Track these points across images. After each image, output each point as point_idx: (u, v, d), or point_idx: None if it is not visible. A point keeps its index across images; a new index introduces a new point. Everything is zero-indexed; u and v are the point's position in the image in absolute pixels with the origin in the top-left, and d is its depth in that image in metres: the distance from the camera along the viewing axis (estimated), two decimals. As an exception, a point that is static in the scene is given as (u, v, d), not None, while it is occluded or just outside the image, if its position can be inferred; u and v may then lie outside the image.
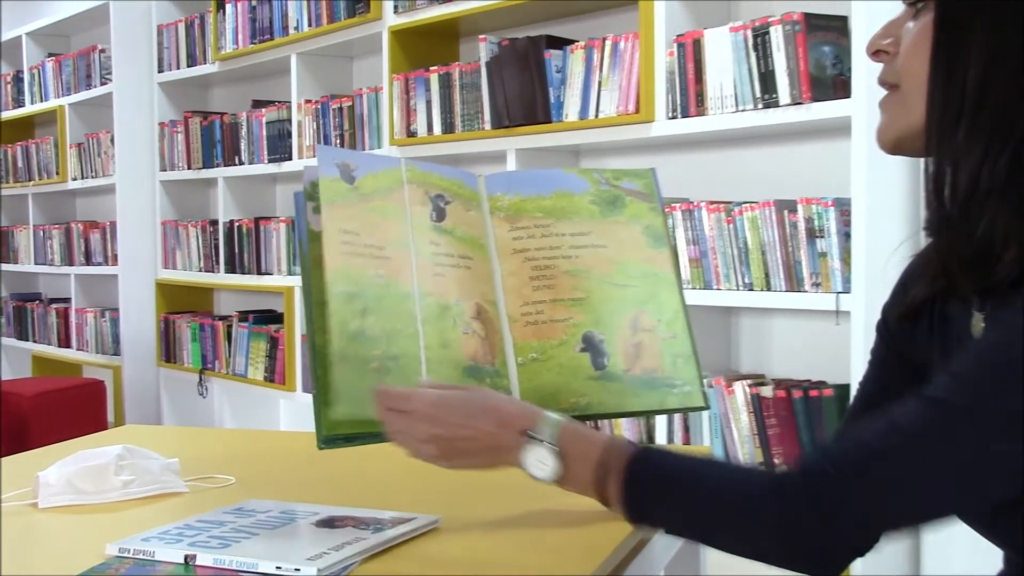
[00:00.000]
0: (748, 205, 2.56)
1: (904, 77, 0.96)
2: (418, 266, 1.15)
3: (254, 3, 4.16)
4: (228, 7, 4.29)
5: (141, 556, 1.02)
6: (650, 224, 1.25)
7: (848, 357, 2.38)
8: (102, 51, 5.09)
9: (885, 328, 1.10)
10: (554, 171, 1.27)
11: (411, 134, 3.45)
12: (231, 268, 4.40)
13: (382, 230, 1.15)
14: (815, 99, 2.42)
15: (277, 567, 0.96)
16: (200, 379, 4.57)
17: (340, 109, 3.81)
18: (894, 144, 0.98)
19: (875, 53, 1.00)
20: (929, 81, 0.92)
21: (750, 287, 2.57)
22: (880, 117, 1.00)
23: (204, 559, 0.99)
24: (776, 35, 2.46)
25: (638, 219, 1.25)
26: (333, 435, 1.08)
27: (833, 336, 2.55)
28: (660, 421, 2.78)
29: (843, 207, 2.40)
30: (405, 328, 1.12)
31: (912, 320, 1.05)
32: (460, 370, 1.13)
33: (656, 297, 1.22)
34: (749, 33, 2.52)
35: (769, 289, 2.53)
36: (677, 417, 2.74)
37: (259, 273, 4.24)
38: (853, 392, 2.48)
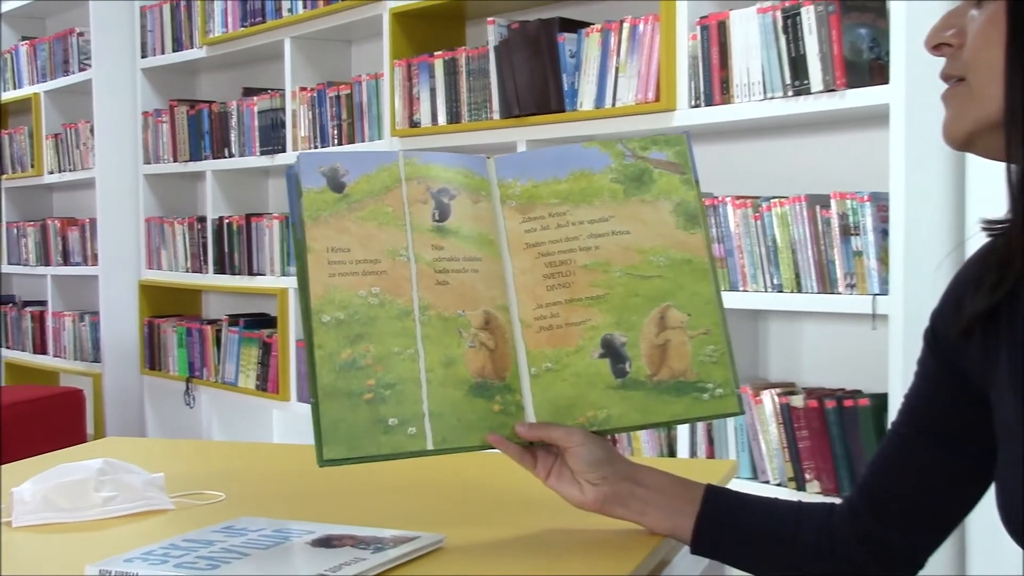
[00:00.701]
0: (777, 200, 2.55)
1: (972, 70, 0.95)
2: (418, 276, 1.14)
3: (244, -17, 4.17)
4: (217, -12, 4.30)
5: (123, 578, 1.02)
6: (682, 200, 1.21)
7: (885, 364, 2.37)
8: (80, 34, 5.10)
9: (934, 338, 1.08)
10: (572, 147, 1.23)
11: (414, 124, 3.44)
12: (220, 268, 4.40)
13: (377, 241, 1.14)
14: (850, 85, 2.41)
15: (270, 590, 0.96)
16: (187, 388, 4.58)
17: (337, 97, 3.81)
18: (965, 140, 0.97)
19: (936, 47, 0.99)
20: (1007, 73, 0.91)
21: (779, 289, 2.56)
22: (945, 112, 0.99)
23: (191, 581, 0.99)
24: (808, 16, 2.46)
25: (668, 195, 1.21)
26: (330, 459, 1.09)
27: (869, 342, 2.54)
28: (682, 432, 2.77)
29: (880, 202, 2.39)
30: (403, 349, 1.11)
31: (968, 333, 1.03)
32: (466, 389, 1.12)
33: (686, 287, 1.18)
34: (778, 14, 2.51)
35: (800, 291, 2.52)
36: (701, 428, 2.73)
37: (251, 274, 4.25)
38: (891, 402, 2.47)
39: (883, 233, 2.38)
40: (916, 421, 1.09)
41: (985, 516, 1.11)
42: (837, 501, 1.16)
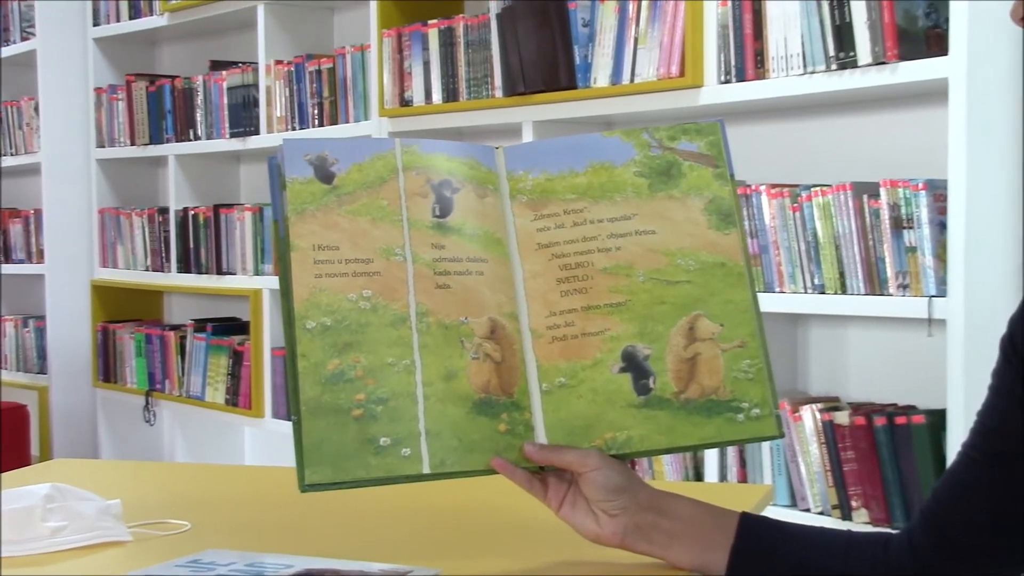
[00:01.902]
0: (819, 189, 2.55)
1: None
2: (416, 278, 1.14)
3: (212, -58, 4.17)
4: (180, -53, 4.31)
5: (77, 622, 1.02)
6: (715, 197, 1.21)
7: (943, 376, 2.37)
8: None
9: (1013, 348, 1.08)
10: (591, 137, 1.24)
11: (405, 103, 3.45)
12: (185, 267, 4.41)
13: (370, 238, 1.14)
14: (903, 57, 2.41)
15: (245, 636, 0.96)
16: (146, 403, 4.58)
17: (318, 72, 3.81)
18: None
19: None
20: None
21: (821, 290, 2.56)
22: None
23: (155, 626, 0.99)
24: (854, -20, 2.46)
25: (699, 191, 1.21)
26: (314, 483, 1.09)
27: (924, 350, 2.54)
28: (710, 453, 2.77)
29: (937, 191, 2.39)
30: (398, 360, 1.12)
31: None
32: (468, 406, 1.12)
33: (719, 294, 1.18)
34: (821, -23, 2.52)
35: (844, 292, 2.52)
36: (732, 449, 2.73)
37: (219, 273, 4.25)
38: (950, 419, 2.46)
39: (940, 226, 2.38)
40: (991, 443, 1.09)
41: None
42: (891, 531, 1.16)
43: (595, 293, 1.18)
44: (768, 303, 2.60)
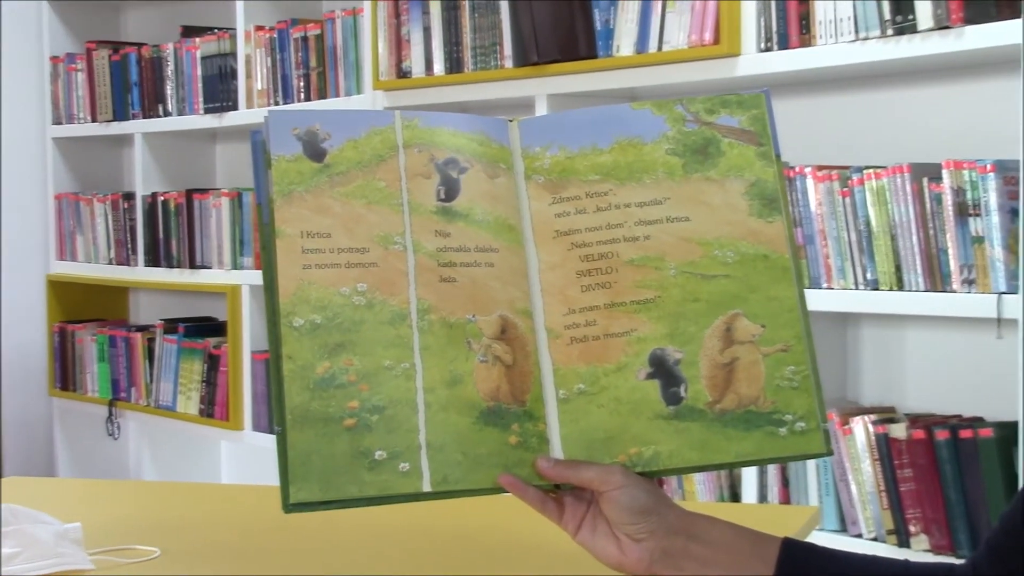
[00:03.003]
0: (872, 171, 2.54)
1: None
2: (417, 270, 1.15)
3: None
4: None
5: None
6: (758, 179, 1.22)
7: (1015, 383, 2.36)
8: (-27, -42, 5.12)
9: None
10: (617, 108, 1.23)
11: (402, 74, 3.44)
12: (153, 260, 4.41)
13: (365, 224, 1.15)
14: (969, 21, 2.40)
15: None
16: (110, 413, 4.58)
17: (304, 39, 3.81)
18: None
19: None
20: None
21: (874, 286, 2.55)
22: None
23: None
24: (913, -67, 2.45)
25: (740, 173, 1.22)
26: (300, 502, 1.09)
27: (993, 354, 2.53)
28: (750, 473, 2.77)
29: (1008, 173, 2.39)
30: (396, 364, 1.12)
31: None
32: (474, 416, 1.12)
33: (761, 290, 1.18)
34: (875, -69, 2.51)
35: (901, 288, 2.51)
36: (773, 466, 2.73)
37: (193, 267, 4.25)
38: (1022, 432, 2.46)
39: (1011, 213, 2.38)
40: None
41: None
42: (955, 561, 1.16)
43: (620, 288, 1.18)
44: (815, 300, 2.60)
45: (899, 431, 2.54)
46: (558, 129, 1.23)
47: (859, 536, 2.61)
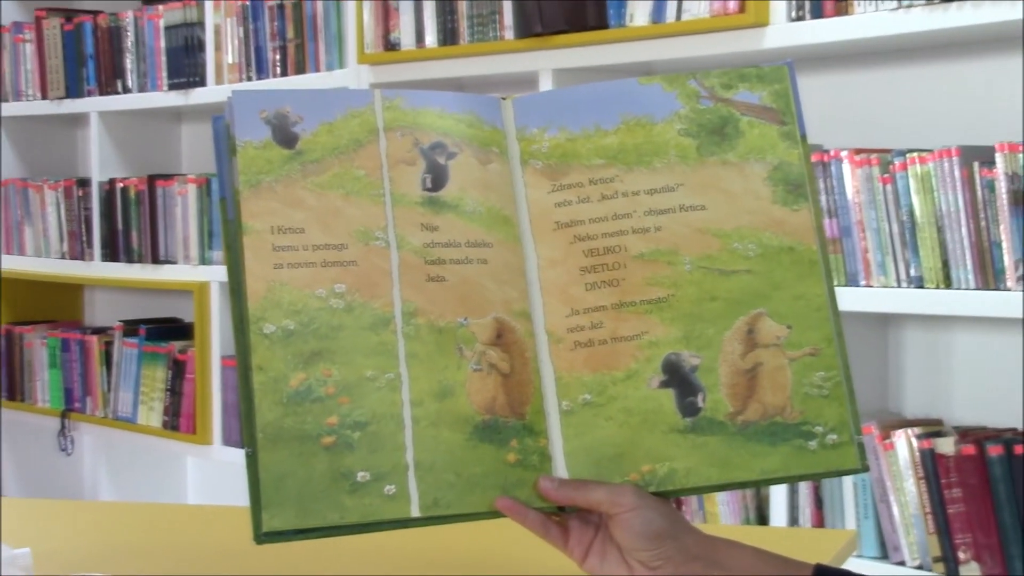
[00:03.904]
0: (916, 155, 2.54)
1: None
2: (402, 269, 1.15)
3: None
4: None
5: None
6: (782, 162, 1.22)
7: (1074, 393, 2.36)
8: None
9: None
10: (623, 84, 1.24)
11: (390, 47, 3.44)
12: (111, 254, 4.40)
13: (343, 218, 1.15)
14: (1023, -12, 2.40)
15: None
16: (62, 425, 4.58)
17: (280, 7, 3.81)
18: None
19: None
20: None
21: (918, 283, 2.55)
22: None
23: None
24: None
25: (761, 155, 1.22)
26: (273, 531, 1.09)
27: (1050, 360, 2.53)
28: (778, 492, 2.77)
29: (1067, 158, 2.38)
30: (379, 374, 1.12)
31: None
32: (468, 431, 1.13)
33: (786, 287, 1.19)
34: None
35: (949, 286, 2.51)
36: (804, 485, 2.73)
37: (155, 262, 4.24)
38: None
39: (1070, 203, 2.38)
40: None
41: None
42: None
43: (629, 286, 1.18)
44: (851, 300, 2.60)
45: (947, 446, 2.53)
46: (557, 108, 1.23)
47: (901, 564, 2.60)
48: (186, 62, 4.12)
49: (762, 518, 2.83)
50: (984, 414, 2.74)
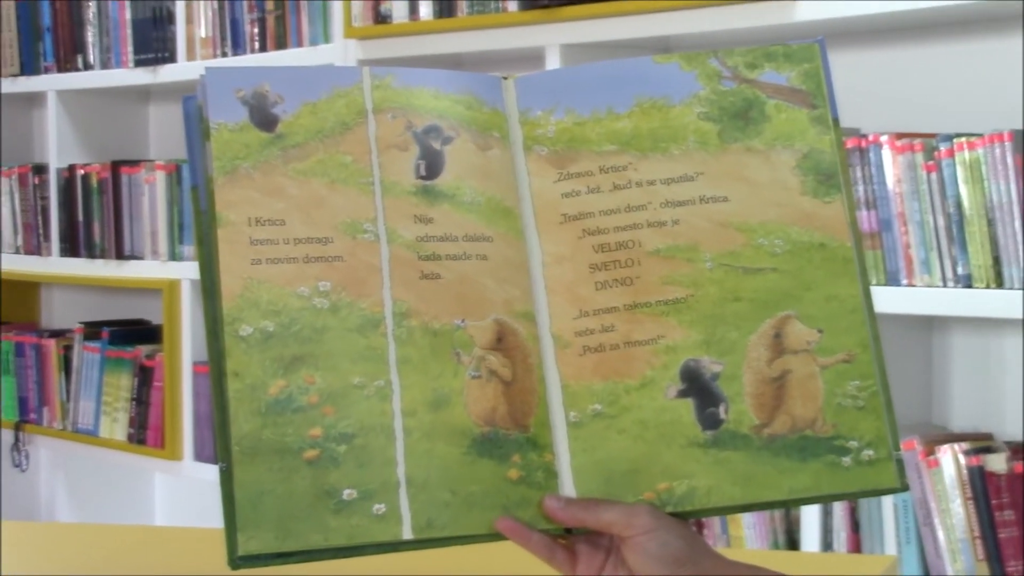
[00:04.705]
0: (965, 140, 2.54)
1: None
2: (393, 265, 1.15)
3: None
4: None
5: None
6: (812, 150, 1.22)
7: None
8: None
9: None
10: (637, 62, 1.24)
11: (381, 19, 3.44)
12: (71, 249, 4.40)
13: (328, 208, 1.15)
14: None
15: None
16: (16, 439, 4.58)
17: (257, -25, 3.82)
18: None
19: None
20: None
21: (967, 283, 2.55)
22: None
23: None
24: None
25: (789, 142, 1.22)
26: (250, 554, 1.09)
27: (1112, 368, 2.53)
28: (810, 513, 2.77)
29: None
30: (368, 381, 1.13)
31: None
32: (466, 444, 1.13)
33: (817, 287, 1.19)
34: None
35: (1000, 285, 2.51)
36: (839, 506, 2.73)
37: (120, 257, 4.24)
38: None
39: None
40: None
41: None
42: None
43: (643, 285, 1.19)
44: (889, 300, 2.60)
45: (998, 463, 2.54)
46: (564, 88, 1.23)
47: (947, 592, 2.61)
48: (154, 36, 4.12)
49: (792, 542, 2.83)
50: (1039, 428, 2.75)
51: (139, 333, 4.35)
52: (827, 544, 2.75)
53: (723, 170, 1.21)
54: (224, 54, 3.89)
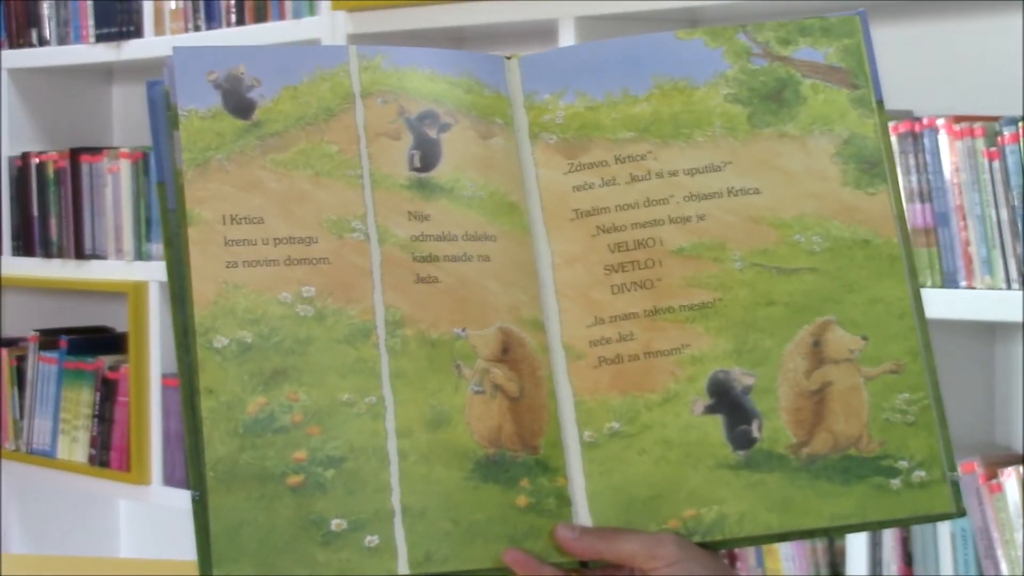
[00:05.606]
0: (1030, 124, 2.55)
1: None
2: (385, 268, 1.16)
3: None
4: None
5: None
6: (853, 135, 1.22)
7: None
8: None
9: None
10: (657, 38, 1.24)
11: (371, -13, 3.45)
12: (26, 248, 4.41)
13: (312, 204, 1.16)
14: None
15: None
16: (-36, 462, 4.61)
17: (234, -60, 3.83)
18: None
19: None
20: None
21: (1033, 284, 2.55)
22: None
23: None
24: None
25: (828, 126, 1.22)
26: None
27: None
28: (856, 542, 2.77)
29: None
30: (358, 397, 1.13)
31: None
32: (469, 468, 1.14)
33: (860, 289, 1.19)
34: None
35: (1071, 288, 2.51)
36: (889, 532, 2.73)
37: (80, 256, 4.25)
38: None
39: None
40: None
41: None
42: None
43: (666, 288, 1.19)
44: (946, 304, 2.60)
45: (1066, 487, 2.54)
46: (574, 68, 1.24)
47: (1011, 631, 2.61)
48: (118, 8, 4.13)
49: (835, 572, 2.83)
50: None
51: (101, 342, 4.36)
52: (875, 574, 2.75)
53: (754, 159, 1.21)
54: (197, 28, 3.90)
